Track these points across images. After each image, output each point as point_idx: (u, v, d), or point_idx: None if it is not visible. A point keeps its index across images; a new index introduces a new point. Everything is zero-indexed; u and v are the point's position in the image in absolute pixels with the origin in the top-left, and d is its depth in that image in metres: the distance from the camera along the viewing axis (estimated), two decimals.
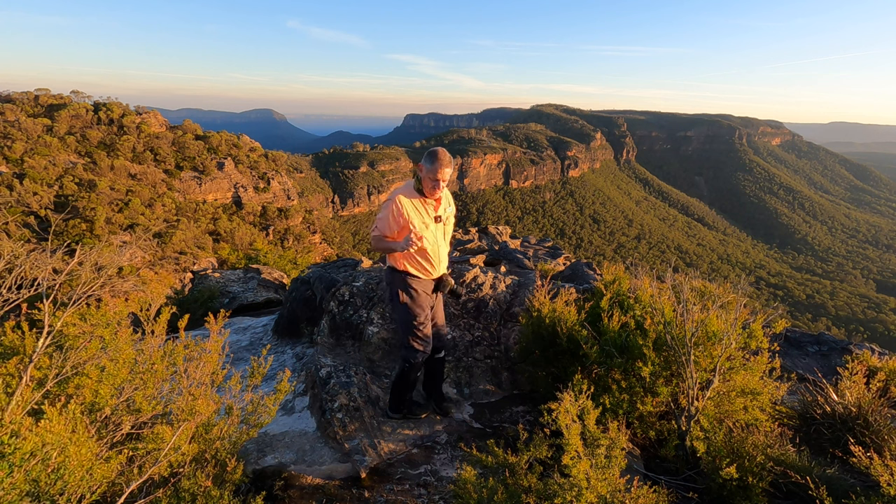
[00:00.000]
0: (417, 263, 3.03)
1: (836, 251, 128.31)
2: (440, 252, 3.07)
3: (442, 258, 3.09)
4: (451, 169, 2.84)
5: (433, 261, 3.04)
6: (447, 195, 3.09)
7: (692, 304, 2.91)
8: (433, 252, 3.01)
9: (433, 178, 2.81)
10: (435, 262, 3.06)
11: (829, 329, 65.07)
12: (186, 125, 59.17)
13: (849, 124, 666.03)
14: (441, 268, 3.10)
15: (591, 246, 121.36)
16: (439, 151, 2.81)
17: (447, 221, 3.11)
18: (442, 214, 3.04)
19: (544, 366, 3.42)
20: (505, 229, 8.31)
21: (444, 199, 3.04)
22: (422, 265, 3.05)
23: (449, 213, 3.11)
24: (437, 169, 2.80)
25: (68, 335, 2.36)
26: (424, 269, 3.06)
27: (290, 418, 3.33)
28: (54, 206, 36.60)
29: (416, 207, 2.92)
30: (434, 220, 2.99)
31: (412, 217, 2.90)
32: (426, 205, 2.95)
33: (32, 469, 1.24)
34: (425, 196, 2.93)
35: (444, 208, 3.05)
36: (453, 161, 2.85)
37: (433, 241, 2.99)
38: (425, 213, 2.95)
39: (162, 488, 1.79)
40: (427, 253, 3.00)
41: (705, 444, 2.60)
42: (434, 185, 2.84)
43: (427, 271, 3.07)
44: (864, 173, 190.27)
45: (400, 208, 2.89)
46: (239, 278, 7.89)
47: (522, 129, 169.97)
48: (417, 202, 2.93)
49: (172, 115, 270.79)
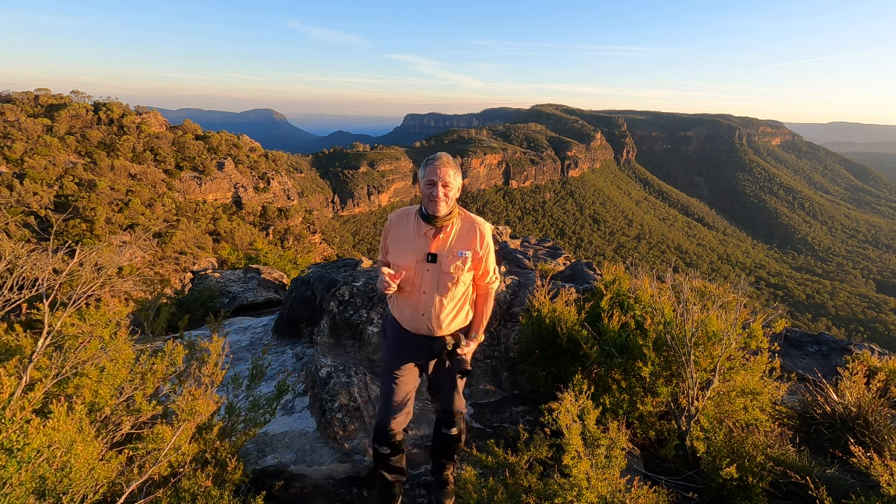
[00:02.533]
0: (396, 307, 2.29)
1: (836, 251, 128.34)
2: (425, 304, 2.17)
3: (432, 313, 2.18)
4: (455, 170, 2.10)
5: (411, 313, 2.21)
6: (470, 229, 2.20)
7: (692, 304, 2.91)
8: (412, 301, 2.19)
9: (426, 181, 2.07)
10: (412, 316, 2.20)
11: (829, 329, 65.07)
12: (186, 125, 59.18)
13: (849, 124, 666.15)
14: (431, 326, 2.20)
15: (591, 246, 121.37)
16: (438, 153, 2.13)
17: (449, 268, 2.14)
18: (440, 253, 2.13)
19: (544, 366, 3.42)
20: (505, 229, 8.32)
21: (453, 233, 2.17)
22: (400, 313, 2.26)
23: (458, 255, 2.15)
24: (432, 169, 2.06)
25: (68, 335, 2.36)
26: (399, 314, 2.28)
27: (290, 418, 3.33)
28: (54, 206, 36.60)
29: (404, 232, 2.19)
30: (424, 258, 2.13)
31: (390, 243, 2.23)
32: (420, 232, 2.16)
33: (39, 467, 1.24)
34: (427, 217, 2.13)
35: (447, 245, 2.14)
36: (455, 163, 2.13)
37: (415, 286, 2.16)
38: (414, 242, 2.16)
39: (162, 488, 1.79)
40: (404, 300, 2.22)
41: (705, 444, 2.60)
42: (430, 194, 2.06)
43: (402, 319, 2.26)
44: (864, 173, 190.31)
45: (386, 230, 2.28)
46: (239, 278, 7.89)
47: (522, 129, 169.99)
48: (412, 225, 2.18)
49: (172, 115, 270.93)
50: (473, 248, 2.19)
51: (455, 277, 2.15)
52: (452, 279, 2.16)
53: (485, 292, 2.33)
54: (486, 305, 2.33)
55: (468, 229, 2.20)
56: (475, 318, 2.34)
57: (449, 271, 2.14)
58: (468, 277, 2.22)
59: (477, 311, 2.35)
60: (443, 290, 2.17)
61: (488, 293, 2.31)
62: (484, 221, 2.25)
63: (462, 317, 2.27)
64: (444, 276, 2.15)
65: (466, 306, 2.29)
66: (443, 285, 2.16)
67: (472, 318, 2.34)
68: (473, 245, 2.19)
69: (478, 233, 2.20)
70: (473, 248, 2.19)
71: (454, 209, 2.16)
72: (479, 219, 2.25)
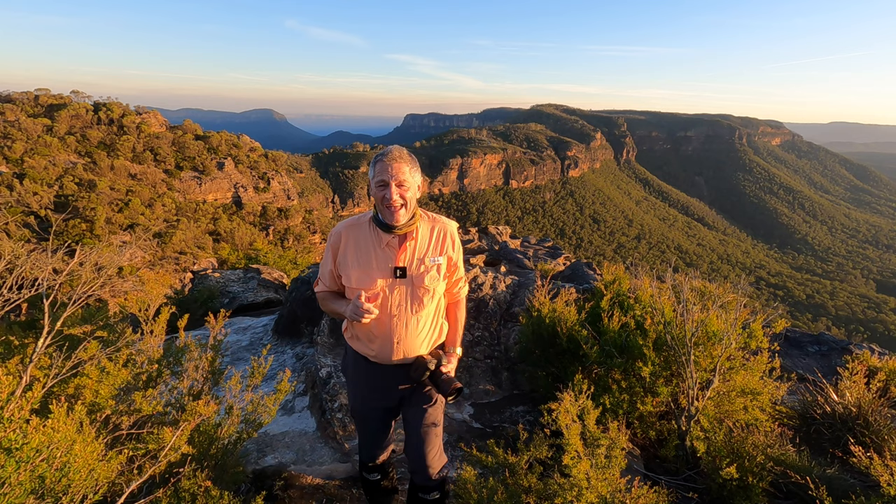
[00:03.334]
0: (360, 338, 1.97)
1: (836, 251, 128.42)
2: (398, 328, 1.86)
3: (408, 337, 1.89)
4: (412, 165, 1.77)
5: (382, 343, 1.89)
6: (439, 231, 1.92)
7: (692, 304, 2.91)
8: (381, 328, 1.87)
9: (377, 181, 1.75)
10: (384, 346, 1.89)
11: (829, 329, 65.11)
12: (186, 125, 59.22)
13: (849, 124, 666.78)
14: (407, 352, 1.91)
15: (591, 246, 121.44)
16: (389, 147, 1.81)
17: (423, 280, 1.86)
18: (409, 266, 1.83)
19: (544, 366, 3.42)
20: (505, 229, 8.32)
21: (420, 240, 1.87)
22: (367, 345, 1.94)
23: (431, 263, 1.87)
24: (381, 167, 1.73)
25: (68, 335, 2.36)
26: (366, 347, 1.95)
27: (290, 418, 3.33)
28: (54, 206, 36.61)
29: (361, 246, 1.85)
30: (392, 274, 1.82)
31: (345, 263, 1.86)
32: (381, 244, 1.83)
33: (38, 466, 1.24)
34: (385, 226, 1.80)
35: (415, 255, 1.85)
36: (411, 158, 1.79)
37: (384, 309, 1.85)
38: (376, 256, 1.83)
39: (162, 488, 1.79)
40: (369, 329, 1.89)
41: (705, 444, 2.60)
42: (384, 199, 1.73)
43: (371, 351, 1.93)
44: (864, 173, 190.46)
45: (332, 246, 1.90)
46: (239, 278, 7.89)
47: (522, 129, 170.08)
48: (369, 237, 1.85)
49: (172, 115, 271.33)
50: (446, 253, 1.93)
51: (431, 290, 1.89)
52: (428, 293, 1.89)
53: (456, 300, 2.11)
54: (459, 314, 2.12)
55: (437, 232, 1.93)
56: (450, 330, 2.11)
57: (423, 284, 1.86)
58: (442, 287, 1.97)
59: (451, 322, 2.11)
60: (417, 307, 1.88)
61: (460, 300, 2.12)
62: (448, 220, 1.99)
63: (437, 332, 2.02)
64: (417, 291, 1.87)
65: (441, 319, 2.05)
66: (416, 302, 1.88)
67: (447, 330, 2.10)
68: (445, 249, 1.93)
69: (448, 235, 1.95)
70: (446, 253, 1.93)
71: (415, 211, 1.86)
72: (443, 218, 1.99)
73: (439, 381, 1.88)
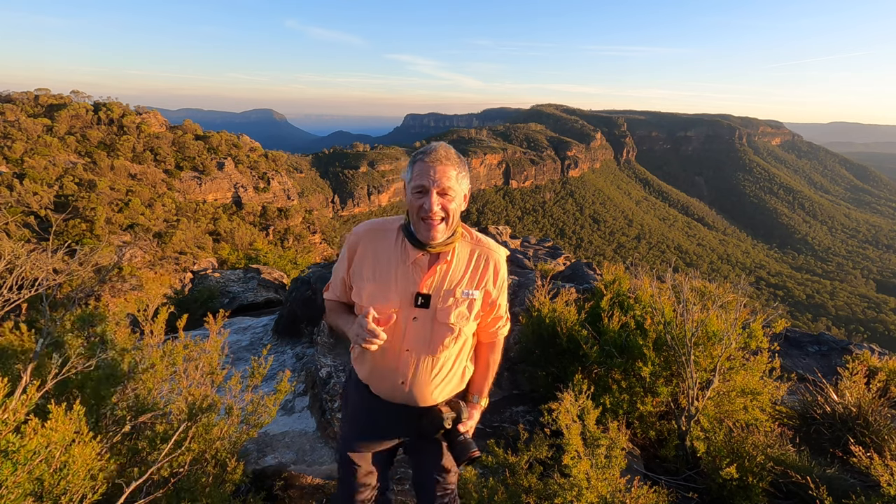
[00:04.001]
0: (363, 362, 1.62)
1: (836, 251, 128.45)
2: (406, 367, 1.51)
3: (417, 380, 1.53)
4: (459, 169, 1.40)
5: (385, 377, 1.56)
6: (480, 258, 1.51)
7: (692, 304, 2.91)
8: (388, 360, 1.52)
9: (414, 186, 1.38)
10: (387, 381, 1.56)
11: (829, 329, 65.12)
12: (186, 125, 59.22)
13: (849, 124, 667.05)
14: (414, 396, 1.55)
15: (591, 246, 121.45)
16: (433, 144, 1.41)
17: (448, 316, 1.47)
18: (434, 294, 1.46)
19: (544, 366, 3.42)
20: (505, 229, 8.32)
21: (455, 264, 1.48)
22: (369, 373, 1.61)
23: (463, 297, 1.48)
24: (422, 168, 1.36)
25: (68, 335, 2.36)
26: (374, 382, 1.61)
27: (290, 418, 3.33)
28: (54, 206, 36.61)
29: (381, 256, 1.48)
30: (412, 300, 1.45)
31: (359, 272, 1.50)
32: (407, 259, 1.46)
33: (36, 468, 1.24)
34: (417, 240, 1.43)
35: (445, 282, 1.47)
36: (459, 160, 1.41)
37: (395, 339, 1.48)
38: (398, 273, 1.46)
39: (162, 488, 1.79)
40: (376, 356, 1.52)
41: (705, 444, 2.60)
42: (422, 209, 1.36)
43: (379, 388, 1.60)
44: (864, 173, 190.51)
45: (349, 250, 1.53)
46: (239, 278, 7.89)
47: (522, 129, 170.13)
48: (395, 248, 1.48)
49: (172, 115, 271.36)
50: (484, 287, 1.52)
51: (456, 329, 1.49)
52: (452, 332, 1.49)
53: (492, 340, 1.68)
54: (492, 357, 1.69)
55: (478, 258, 1.51)
56: (477, 375, 1.69)
57: (448, 321, 1.47)
58: (471, 328, 1.55)
59: (480, 367, 1.69)
60: (435, 347, 1.50)
61: (496, 342, 1.69)
62: (498, 247, 1.56)
63: (458, 379, 1.62)
64: (439, 327, 1.48)
65: (465, 362, 1.63)
66: (436, 341, 1.49)
67: (473, 375, 1.68)
68: (485, 282, 1.51)
69: (492, 265, 1.52)
70: (484, 287, 1.52)
71: (457, 228, 1.46)
72: (492, 242, 1.55)
73: (454, 444, 1.54)
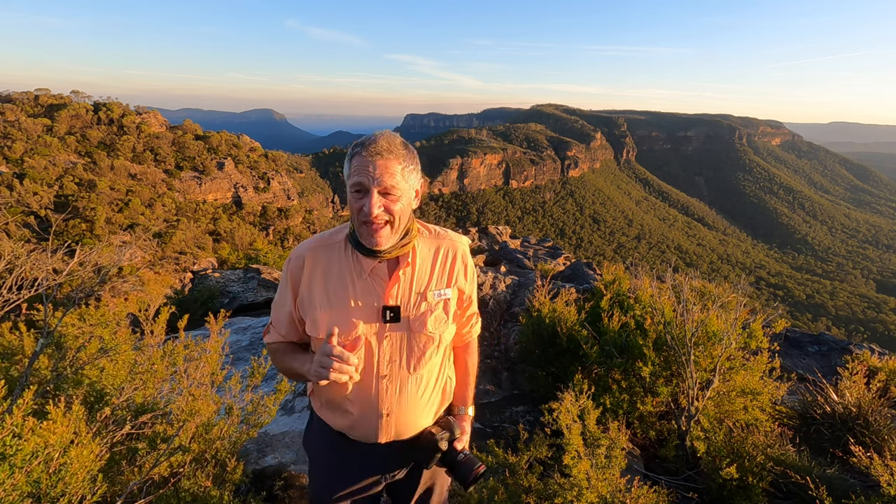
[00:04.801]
0: (329, 405, 1.36)
1: (836, 251, 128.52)
2: (388, 396, 1.28)
3: (402, 408, 1.31)
4: (406, 162, 1.17)
5: (361, 415, 1.30)
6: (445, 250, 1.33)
7: (692, 304, 2.91)
8: (362, 394, 1.28)
9: (352, 184, 1.15)
10: (364, 419, 1.30)
11: (829, 329, 65.15)
12: (186, 125, 59.25)
13: (849, 124, 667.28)
14: (399, 429, 1.33)
15: (591, 246, 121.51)
16: (374, 133, 1.19)
17: (426, 325, 1.28)
18: (404, 304, 1.26)
19: (544, 366, 3.42)
20: (505, 229, 8.33)
21: (419, 265, 1.28)
22: (341, 416, 1.34)
23: (436, 299, 1.29)
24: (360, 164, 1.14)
25: (67, 335, 2.36)
26: (339, 418, 1.34)
27: (290, 418, 3.33)
28: (54, 206, 36.62)
29: (332, 276, 1.26)
30: (380, 316, 1.24)
31: (309, 300, 1.26)
32: (362, 272, 1.25)
33: (34, 470, 1.24)
34: (363, 248, 1.22)
35: (412, 287, 1.27)
36: (405, 151, 1.18)
37: (367, 368, 1.26)
38: (355, 291, 1.24)
39: (162, 488, 1.79)
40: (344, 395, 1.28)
41: (705, 444, 2.60)
42: (361, 211, 1.15)
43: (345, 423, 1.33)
44: (864, 173, 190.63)
45: (291, 277, 1.30)
46: (239, 278, 7.89)
47: (522, 129, 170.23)
48: (345, 263, 1.26)
49: (172, 115, 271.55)
50: (455, 284, 1.33)
51: (436, 337, 1.30)
52: (432, 342, 1.30)
53: (466, 342, 1.52)
54: (470, 361, 1.54)
55: (444, 254, 1.33)
56: (459, 384, 1.52)
57: (425, 330, 1.28)
58: (452, 332, 1.36)
59: (461, 373, 1.52)
60: (416, 363, 1.29)
61: (471, 342, 1.54)
62: (457, 235, 1.39)
63: (442, 394, 1.43)
64: (417, 339, 1.28)
65: (447, 373, 1.44)
66: (416, 356, 1.29)
67: (455, 385, 1.50)
68: (455, 278, 1.33)
69: (459, 257, 1.34)
70: (455, 284, 1.33)
71: (411, 225, 1.26)
72: (449, 232, 1.38)
73: (455, 466, 1.34)
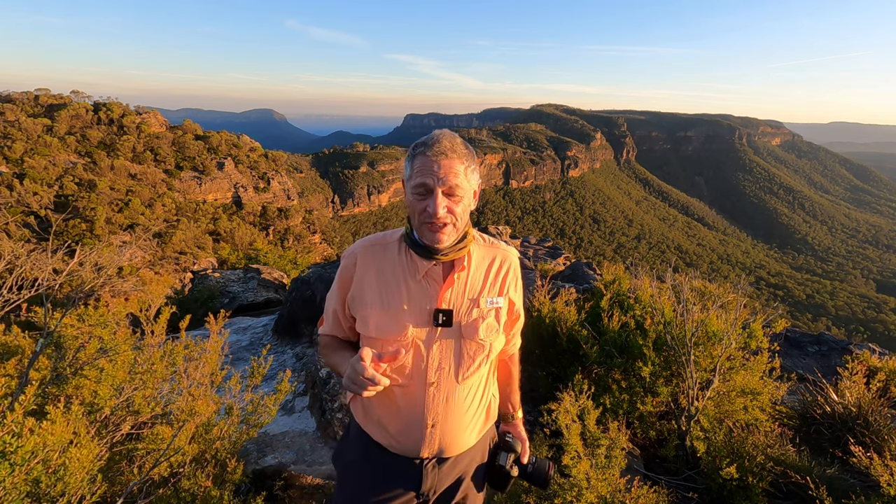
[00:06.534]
0: (372, 414, 1.29)
1: (836, 251, 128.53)
2: (433, 404, 1.21)
3: (441, 419, 1.23)
4: (467, 162, 1.14)
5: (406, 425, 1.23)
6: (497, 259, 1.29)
7: (692, 304, 2.91)
8: (408, 402, 1.22)
9: (414, 185, 1.13)
10: (408, 430, 1.23)
11: (829, 329, 65.14)
12: (186, 125, 59.23)
13: (849, 124, 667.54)
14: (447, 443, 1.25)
15: (591, 246, 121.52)
16: (435, 133, 1.15)
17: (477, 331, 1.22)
18: (456, 308, 1.21)
19: (544, 366, 3.42)
20: (505, 229, 8.32)
21: (473, 270, 1.25)
22: (383, 426, 1.27)
23: (488, 307, 1.25)
24: (423, 163, 1.11)
25: (67, 335, 2.36)
26: (389, 435, 1.26)
27: (290, 418, 3.33)
28: (54, 206, 36.62)
29: (385, 276, 1.23)
30: (431, 319, 1.19)
31: (366, 296, 1.24)
32: (417, 273, 1.21)
33: (33, 469, 1.24)
34: (423, 249, 1.19)
35: (466, 292, 1.23)
36: (467, 152, 1.15)
37: (414, 374, 1.20)
38: (408, 292, 1.20)
39: (162, 488, 1.79)
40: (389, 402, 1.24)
41: (705, 444, 2.60)
42: (424, 211, 1.12)
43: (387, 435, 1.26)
44: (864, 173, 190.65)
45: (344, 274, 1.30)
46: (239, 278, 7.89)
47: (522, 129, 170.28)
48: (399, 263, 1.23)
49: (172, 115, 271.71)
50: (507, 294, 1.29)
51: (486, 346, 1.24)
52: (483, 350, 1.24)
53: (511, 354, 1.49)
54: (515, 369, 1.52)
55: (499, 264, 1.29)
56: (511, 390, 1.52)
57: (476, 337, 1.22)
58: (501, 343, 1.31)
59: (510, 380, 1.51)
60: (465, 371, 1.23)
61: (514, 355, 1.51)
62: (511, 248, 1.36)
63: (486, 412, 1.36)
64: (468, 346, 1.23)
65: (492, 389, 1.40)
66: (465, 364, 1.23)
67: (507, 391, 1.51)
68: (507, 289, 1.30)
69: (511, 268, 1.31)
70: (507, 294, 1.29)
71: (468, 230, 1.24)
72: (502, 243, 1.34)
73: (531, 476, 1.39)
